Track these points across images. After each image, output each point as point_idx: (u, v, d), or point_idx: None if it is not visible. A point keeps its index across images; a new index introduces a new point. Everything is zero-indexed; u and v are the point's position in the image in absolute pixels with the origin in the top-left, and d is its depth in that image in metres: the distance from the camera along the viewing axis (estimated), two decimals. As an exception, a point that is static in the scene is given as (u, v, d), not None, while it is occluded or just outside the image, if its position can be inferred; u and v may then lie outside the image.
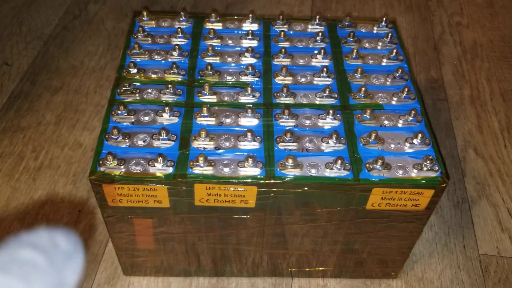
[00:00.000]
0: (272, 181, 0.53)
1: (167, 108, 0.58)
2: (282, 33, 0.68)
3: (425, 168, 0.54)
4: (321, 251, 0.65)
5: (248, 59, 0.66)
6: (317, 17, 0.71)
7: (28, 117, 0.90)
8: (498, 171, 0.85)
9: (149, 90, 0.61)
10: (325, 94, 0.61)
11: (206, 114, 0.58)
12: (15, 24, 1.11)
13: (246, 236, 0.61)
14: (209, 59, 0.65)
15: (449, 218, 0.78)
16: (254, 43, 0.68)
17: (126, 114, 0.58)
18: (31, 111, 0.91)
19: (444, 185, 0.54)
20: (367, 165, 0.54)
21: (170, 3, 1.17)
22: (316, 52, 0.66)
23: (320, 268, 0.68)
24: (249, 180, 0.53)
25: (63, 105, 0.93)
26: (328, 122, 0.58)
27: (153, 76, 0.63)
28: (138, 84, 0.62)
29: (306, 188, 0.54)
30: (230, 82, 0.63)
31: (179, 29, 0.68)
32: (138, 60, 0.65)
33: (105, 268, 0.70)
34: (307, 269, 0.68)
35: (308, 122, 0.59)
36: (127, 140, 0.56)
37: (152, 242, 0.62)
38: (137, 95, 0.61)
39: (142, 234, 0.61)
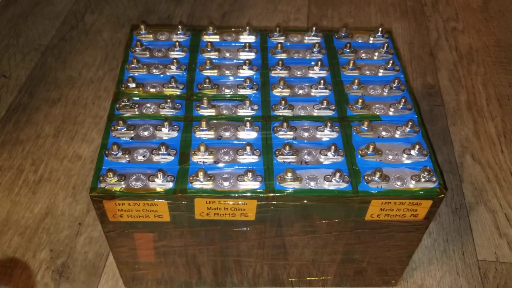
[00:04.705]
0: (271, 194, 0.53)
1: (166, 122, 0.58)
2: (279, 45, 0.69)
3: (423, 179, 0.54)
4: (321, 261, 0.65)
5: (246, 72, 0.66)
6: (314, 28, 0.71)
7: (26, 130, 0.91)
8: (495, 177, 0.86)
9: (148, 105, 0.62)
10: (322, 106, 0.62)
11: (205, 128, 0.59)
12: (12, 36, 1.11)
13: (247, 248, 0.62)
14: (207, 72, 0.66)
15: (447, 224, 0.79)
16: (252, 55, 0.69)
17: (125, 129, 0.58)
18: (29, 123, 0.92)
19: (442, 195, 0.54)
20: (366, 177, 0.55)
21: (167, 12, 1.18)
22: (313, 63, 0.67)
23: (321, 278, 0.69)
24: (248, 194, 0.54)
25: (62, 117, 0.93)
26: (326, 134, 0.59)
27: (151, 90, 0.64)
28: (137, 98, 0.63)
29: (305, 201, 0.54)
30: (229, 95, 0.64)
31: (177, 43, 0.68)
32: (136, 74, 0.65)
33: (106, 280, 0.70)
34: (307, 278, 0.69)
35: (306, 134, 0.59)
36: (127, 156, 0.56)
37: (153, 255, 0.63)
38: (136, 109, 0.61)
39: (143, 248, 0.61)
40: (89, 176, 0.83)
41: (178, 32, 0.71)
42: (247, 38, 0.71)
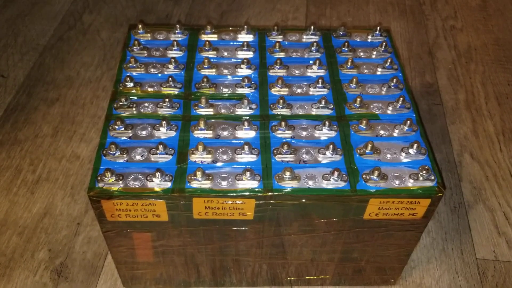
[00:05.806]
0: (269, 193, 0.53)
1: (164, 122, 0.58)
2: (277, 43, 0.69)
3: (421, 178, 0.54)
4: (320, 260, 0.65)
5: (244, 71, 0.66)
6: (312, 27, 0.71)
7: (25, 130, 0.90)
8: (494, 175, 0.86)
9: (146, 104, 0.62)
10: (321, 105, 0.62)
11: (203, 127, 0.58)
12: (10, 36, 1.11)
13: (245, 247, 0.62)
14: (205, 72, 0.66)
15: (446, 223, 0.79)
16: (250, 54, 0.68)
17: (123, 128, 0.58)
18: (28, 123, 0.92)
19: (440, 194, 0.54)
20: (364, 176, 0.54)
21: (165, 11, 1.18)
22: (311, 62, 0.67)
23: (319, 277, 0.69)
24: (247, 193, 0.53)
25: (60, 117, 0.93)
26: (325, 133, 0.59)
27: (149, 90, 0.64)
28: (135, 98, 0.63)
29: (303, 200, 0.54)
30: (227, 95, 0.63)
31: (175, 42, 0.68)
32: (134, 74, 0.65)
33: (105, 280, 0.70)
34: (306, 277, 0.69)
35: (304, 133, 0.59)
36: (124, 155, 0.56)
37: (151, 255, 0.63)
38: (134, 109, 0.61)
39: (141, 248, 0.61)
40: (88, 176, 0.83)
41: (176, 31, 0.71)
42: (245, 37, 0.71)
